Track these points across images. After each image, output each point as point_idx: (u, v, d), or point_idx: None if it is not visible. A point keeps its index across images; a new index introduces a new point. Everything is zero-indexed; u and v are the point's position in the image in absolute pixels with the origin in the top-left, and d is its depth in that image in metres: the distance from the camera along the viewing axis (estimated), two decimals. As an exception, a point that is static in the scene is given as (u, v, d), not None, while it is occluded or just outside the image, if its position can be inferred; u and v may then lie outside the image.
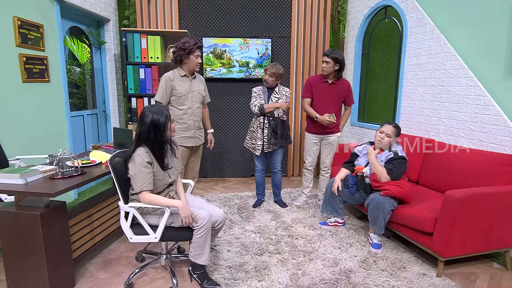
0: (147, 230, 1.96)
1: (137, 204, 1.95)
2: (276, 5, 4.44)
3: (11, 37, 2.79)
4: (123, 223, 1.99)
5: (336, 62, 3.18)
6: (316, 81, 3.35)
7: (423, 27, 3.26)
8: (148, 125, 1.93)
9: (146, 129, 1.93)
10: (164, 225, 1.94)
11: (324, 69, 3.24)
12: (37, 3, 3.07)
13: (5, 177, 1.92)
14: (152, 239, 1.97)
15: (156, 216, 2.01)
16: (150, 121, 1.93)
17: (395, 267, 2.34)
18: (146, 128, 1.93)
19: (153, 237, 1.96)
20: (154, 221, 2.00)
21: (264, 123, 3.29)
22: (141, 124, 1.95)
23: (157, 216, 2.01)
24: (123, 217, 2.00)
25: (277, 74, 3.19)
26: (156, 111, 1.96)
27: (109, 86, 4.37)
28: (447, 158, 2.80)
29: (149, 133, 1.93)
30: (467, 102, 2.84)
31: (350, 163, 2.99)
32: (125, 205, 1.95)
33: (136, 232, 2.00)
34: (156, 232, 1.96)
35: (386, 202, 2.51)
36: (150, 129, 1.93)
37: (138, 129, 1.96)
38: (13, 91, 2.82)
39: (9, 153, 2.69)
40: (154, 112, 1.94)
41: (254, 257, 2.46)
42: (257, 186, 3.61)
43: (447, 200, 2.13)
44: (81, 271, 2.29)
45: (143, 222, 1.96)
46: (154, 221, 2.00)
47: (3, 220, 1.86)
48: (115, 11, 4.36)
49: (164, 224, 1.94)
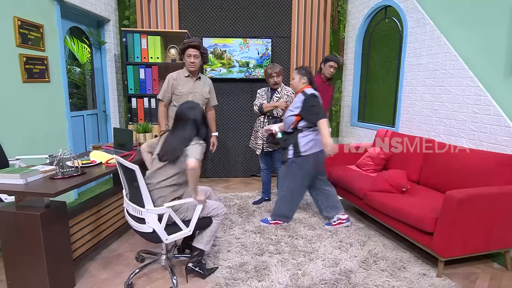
0: (180, 226, 2.01)
1: (172, 203, 1.96)
2: (276, 5, 4.44)
3: (11, 37, 2.79)
4: (156, 226, 1.92)
5: (338, 67, 3.67)
6: (318, 80, 3.57)
7: (423, 27, 3.26)
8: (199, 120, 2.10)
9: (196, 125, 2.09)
10: (196, 218, 2.05)
11: (332, 73, 3.63)
12: (37, 3, 3.07)
13: (5, 177, 1.92)
14: (187, 233, 2.05)
15: (182, 212, 2.09)
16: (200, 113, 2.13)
17: (395, 267, 2.34)
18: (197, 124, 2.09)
19: (187, 230, 2.04)
20: (179, 216, 2.06)
21: (263, 122, 3.35)
22: (189, 123, 2.07)
23: (182, 212, 2.09)
24: (155, 220, 1.93)
25: (278, 72, 3.29)
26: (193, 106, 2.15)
27: (109, 86, 4.37)
28: (448, 158, 2.80)
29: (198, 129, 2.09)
30: (467, 102, 2.84)
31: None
32: (160, 207, 1.92)
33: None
34: (189, 226, 2.04)
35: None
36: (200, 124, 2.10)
37: (187, 131, 2.05)
38: (13, 91, 2.82)
39: (9, 153, 2.69)
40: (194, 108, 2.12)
41: (254, 257, 2.46)
42: (262, 185, 3.69)
43: (448, 200, 2.13)
44: (81, 271, 2.29)
45: (177, 219, 1.99)
46: (180, 216, 2.06)
47: (3, 220, 1.86)
48: (115, 11, 4.36)
49: (197, 216, 2.04)
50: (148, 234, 1.97)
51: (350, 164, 3.67)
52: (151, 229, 1.93)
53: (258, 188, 4.22)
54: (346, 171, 3.43)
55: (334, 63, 3.61)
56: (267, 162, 3.57)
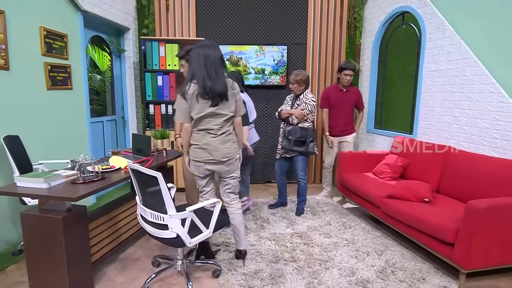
0: (200, 228, 2.04)
1: (194, 206, 1.99)
2: (292, 12, 4.46)
3: (38, 47, 2.91)
4: (180, 230, 1.93)
5: (354, 73, 3.74)
6: (333, 91, 3.84)
7: (442, 33, 3.21)
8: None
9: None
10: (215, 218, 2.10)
11: (349, 81, 3.73)
12: (61, 13, 3.20)
13: (29, 181, 1.99)
14: (207, 234, 2.08)
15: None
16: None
17: (414, 278, 2.28)
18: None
19: (207, 232, 2.08)
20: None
21: (282, 128, 3.45)
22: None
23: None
24: (178, 225, 1.93)
25: (296, 80, 3.31)
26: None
27: (128, 93, 4.47)
28: (469, 167, 2.72)
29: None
30: (489, 109, 2.76)
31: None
32: (183, 212, 1.93)
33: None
34: (208, 227, 2.08)
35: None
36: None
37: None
38: (38, 98, 2.93)
39: (32, 157, 2.78)
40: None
41: (269, 265, 2.45)
42: (278, 191, 3.73)
43: (470, 209, 2.07)
44: (99, 275, 2.33)
45: (199, 222, 2.02)
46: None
47: (28, 223, 1.92)
48: (134, 20, 4.49)
49: (216, 217, 2.09)
50: (170, 240, 1.97)
51: (367, 172, 3.62)
52: (175, 234, 1.94)
53: (273, 194, 4.21)
54: (363, 178, 3.38)
55: (349, 70, 3.67)
56: (284, 168, 3.57)
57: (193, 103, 2.15)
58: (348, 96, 3.82)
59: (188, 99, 2.14)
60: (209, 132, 2.21)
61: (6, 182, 2.62)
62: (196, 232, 2.04)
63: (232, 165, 2.31)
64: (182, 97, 2.16)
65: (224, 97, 2.17)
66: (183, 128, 2.23)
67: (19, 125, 2.74)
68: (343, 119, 3.85)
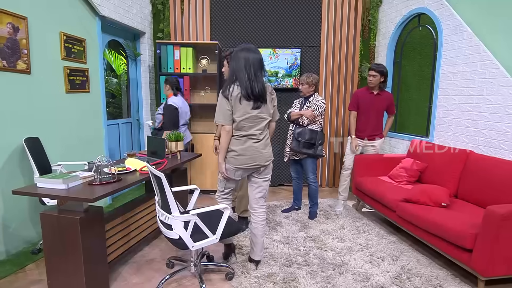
0: (207, 234, 2.02)
1: (198, 210, 1.99)
2: (306, 15, 4.46)
3: (58, 51, 2.99)
4: (182, 233, 1.95)
5: (381, 75, 3.46)
6: (363, 94, 3.61)
7: (460, 35, 3.14)
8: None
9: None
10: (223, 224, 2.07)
11: (371, 81, 3.50)
12: (81, 19, 3.29)
13: (49, 182, 2.04)
14: (213, 240, 2.04)
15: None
16: None
17: (431, 285, 2.23)
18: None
19: (214, 238, 2.04)
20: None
21: (291, 130, 3.44)
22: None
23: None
24: (181, 227, 1.95)
25: (307, 81, 3.31)
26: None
27: (143, 96, 4.55)
28: (488, 171, 2.65)
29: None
30: (510, 112, 2.69)
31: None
32: (186, 214, 1.95)
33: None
34: (215, 233, 2.04)
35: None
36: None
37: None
38: (57, 101, 3.02)
39: (51, 158, 2.86)
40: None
41: (282, 268, 2.44)
42: (293, 194, 3.73)
43: (489, 215, 2.01)
44: (114, 275, 2.37)
45: (204, 226, 2.00)
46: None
47: (47, 222, 1.97)
48: (150, 25, 4.57)
49: (224, 223, 2.05)
50: (175, 240, 2.01)
51: (382, 175, 3.56)
52: (177, 236, 1.97)
53: (286, 197, 4.20)
54: (378, 182, 3.33)
55: (372, 71, 3.46)
56: (298, 170, 3.57)
57: (236, 105, 2.15)
58: (379, 100, 3.55)
59: (231, 100, 2.15)
60: (251, 138, 2.21)
61: (27, 182, 2.70)
62: (202, 236, 2.03)
63: (269, 167, 2.34)
64: (225, 98, 2.17)
65: (263, 99, 2.19)
66: (223, 129, 2.19)
67: (39, 127, 2.82)
68: (372, 123, 3.60)
